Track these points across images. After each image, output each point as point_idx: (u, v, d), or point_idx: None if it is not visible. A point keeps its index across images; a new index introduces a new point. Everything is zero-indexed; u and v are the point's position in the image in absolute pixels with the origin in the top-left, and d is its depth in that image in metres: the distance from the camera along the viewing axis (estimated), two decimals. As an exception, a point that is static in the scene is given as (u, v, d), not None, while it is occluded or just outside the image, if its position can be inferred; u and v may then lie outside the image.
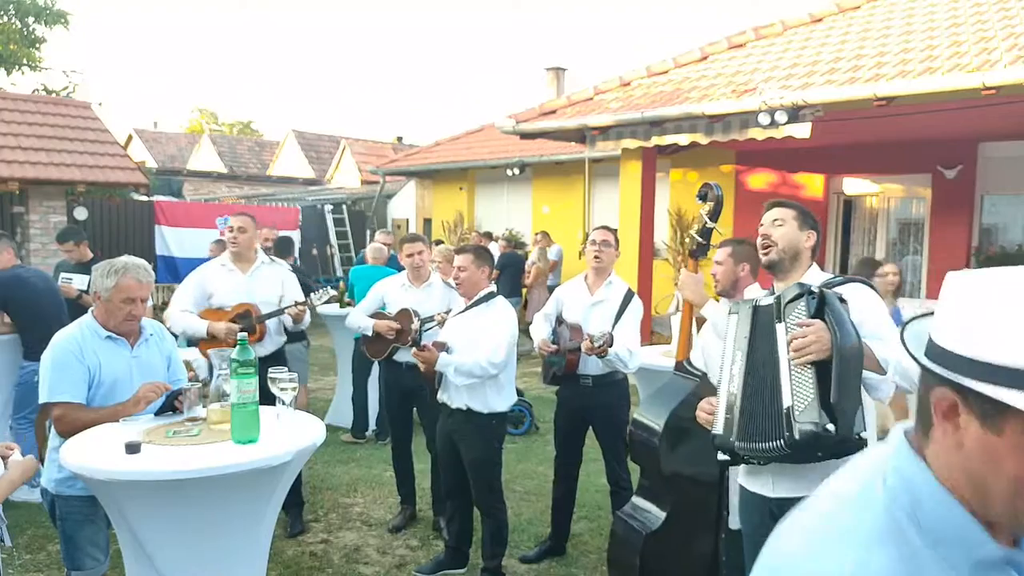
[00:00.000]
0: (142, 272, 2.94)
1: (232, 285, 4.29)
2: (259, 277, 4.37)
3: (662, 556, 3.02)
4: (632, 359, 3.87)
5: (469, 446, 3.73)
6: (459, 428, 3.75)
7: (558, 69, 18.59)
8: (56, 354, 2.84)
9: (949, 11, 7.75)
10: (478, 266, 3.78)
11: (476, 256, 3.82)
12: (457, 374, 3.60)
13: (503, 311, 3.77)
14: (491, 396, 3.70)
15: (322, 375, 9.00)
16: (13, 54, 13.54)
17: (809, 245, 2.54)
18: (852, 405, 2.10)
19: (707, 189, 2.90)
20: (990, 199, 9.49)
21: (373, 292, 4.78)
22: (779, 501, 2.35)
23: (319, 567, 4.00)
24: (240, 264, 4.36)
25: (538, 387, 7.44)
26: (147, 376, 3.00)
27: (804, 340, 2.12)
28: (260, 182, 24.20)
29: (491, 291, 3.84)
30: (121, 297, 2.86)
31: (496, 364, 3.60)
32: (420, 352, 3.66)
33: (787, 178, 10.70)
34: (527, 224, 14.47)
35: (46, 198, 10.31)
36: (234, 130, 42.40)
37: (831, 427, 2.06)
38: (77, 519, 2.81)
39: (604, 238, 4.04)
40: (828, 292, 2.22)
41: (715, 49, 9.01)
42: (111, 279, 2.86)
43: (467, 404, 3.70)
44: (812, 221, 2.59)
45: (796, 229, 2.53)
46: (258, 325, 4.24)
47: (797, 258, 2.53)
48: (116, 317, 2.90)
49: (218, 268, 4.37)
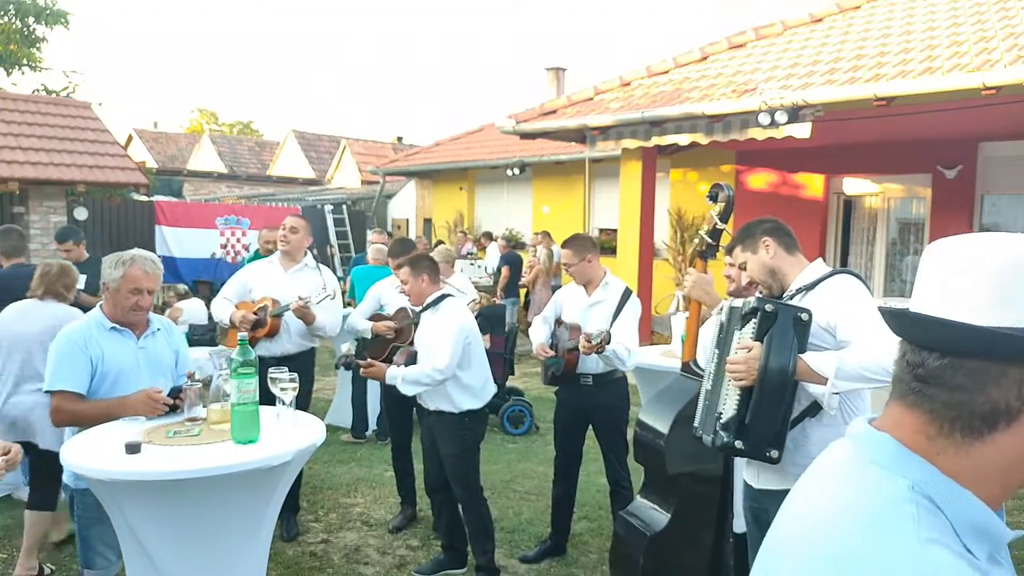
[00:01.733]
0: (149, 264, 2.98)
1: (269, 280, 4.45)
2: (298, 277, 4.46)
3: (665, 557, 3.01)
4: (630, 357, 3.88)
5: (443, 443, 3.81)
6: (435, 426, 3.84)
7: (558, 69, 18.61)
8: (60, 345, 2.88)
9: (949, 11, 7.75)
10: (415, 275, 3.78)
11: (412, 267, 3.80)
12: (404, 383, 3.63)
13: (448, 314, 3.73)
14: (457, 396, 3.72)
15: (322, 375, 9.00)
16: (13, 54, 13.54)
17: (772, 252, 2.55)
18: (766, 427, 2.29)
19: (718, 190, 2.90)
20: (990, 199, 9.48)
21: (370, 295, 4.83)
22: (761, 492, 2.53)
23: (319, 567, 3.99)
24: (285, 262, 4.51)
25: (538, 387, 7.44)
26: (154, 368, 3.02)
27: (734, 366, 2.30)
28: (260, 182, 24.22)
29: (440, 295, 3.82)
30: (128, 287, 2.90)
31: (442, 370, 3.58)
32: (368, 369, 3.73)
33: (787, 178, 10.70)
34: (527, 224, 14.47)
35: (46, 198, 10.31)
36: (234, 130, 42.44)
37: (739, 444, 2.30)
38: (91, 516, 2.82)
39: (568, 260, 4.04)
40: (784, 310, 2.29)
41: (715, 49, 9.02)
42: (119, 269, 2.91)
43: (438, 406, 3.76)
44: (758, 231, 2.60)
45: (751, 255, 2.59)
46: (269, 319, 4.28)
47: (775, 272, 2.56)
48: (123, 307, 2.93)
49: (266, 264, 4.62)
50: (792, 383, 2.28)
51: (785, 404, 2.29)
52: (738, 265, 2.67)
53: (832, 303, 2.36)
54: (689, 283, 2.91)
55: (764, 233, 2.59)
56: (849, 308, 2.34)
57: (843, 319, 2.33)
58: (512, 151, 13.94)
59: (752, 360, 2.26)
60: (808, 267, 2.55)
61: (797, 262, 2.57)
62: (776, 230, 2.61)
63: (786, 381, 2.25)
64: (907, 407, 0.86)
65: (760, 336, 2.29)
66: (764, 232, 2.60)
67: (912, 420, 0.86)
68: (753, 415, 2.27)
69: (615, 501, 4.05)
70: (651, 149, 8.67)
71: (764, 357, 2.25)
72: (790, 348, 2.25)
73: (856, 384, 2.24)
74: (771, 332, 2.26)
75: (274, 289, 4.41)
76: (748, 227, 2.66)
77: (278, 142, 29.00)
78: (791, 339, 2.26)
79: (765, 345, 2.26)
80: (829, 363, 2.23)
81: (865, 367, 2.18)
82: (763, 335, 2.28)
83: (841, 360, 2.22)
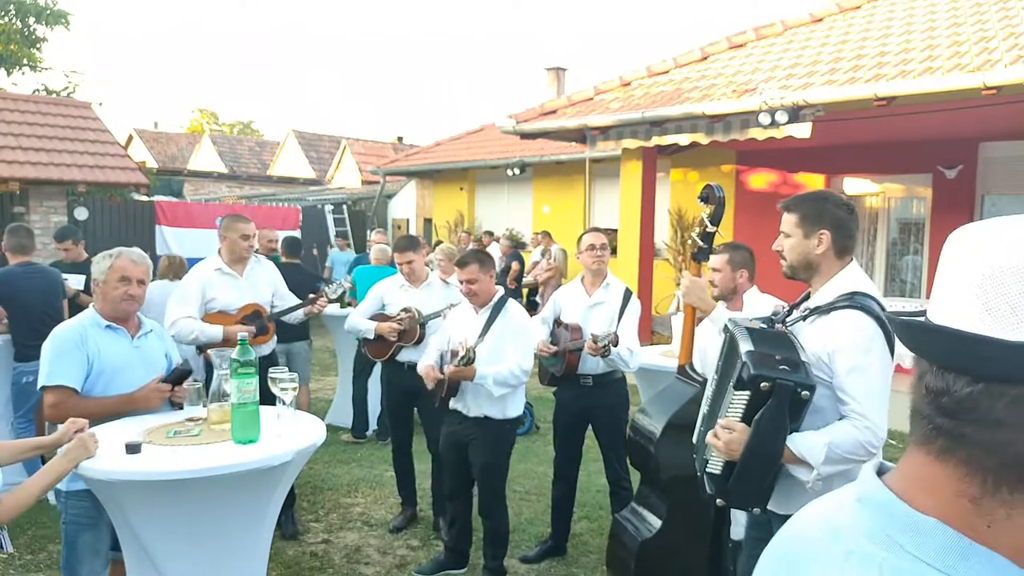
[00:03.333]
0: (136, 255, 3.04)
1: (234, 289, 4.27)
2: (254, 278, 4.39)
3: (659, 561, 2.99)
4: (633, 359, 3.88)
5: (482, 451, 3.73)
6: (472, 433, 3.73)
7: (558, 69, 18.61)
8: (56, 342, 2.87)
9: (950, 11, 7.75)
10: (486, 272, 3.73)
11: (480, 264, 3.72)
12: (496, 384, 3.57)
13: (521, 315, 3.78)
14: (509, 403, 3.72)
15: (322, 375, 9.00)
16: (13, 54, 13.54)
17: (822, 250, 2.30)
18: (749, 491, 2.19)
19: (708, 191, 2.84)
20: (991, 199, 9.47)
21: (371, 294, 4.75)
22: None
23: (320, 567, 3.99)
24: (236, 267, 4.31)
25: (538, 387, 7.42)
26: (149, 367, 3.02)
27: (717, 442, 2.19)
28: (260, 182, 24.21)
29: (502, 296, 3.83)
30: (116, 277, 2.94)
31: (526, 370, 3.64)
32: (457, 370, 3.57)
33: (787, 178, 10.69)
34: (527, 224, 14.47)
35: (47, 198, 10.31)
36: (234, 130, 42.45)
37: (720, 502, 2.27)
38: (81, 522, 2.78)
39: (603, 242, 4.03)
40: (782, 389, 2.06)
41: (715, 49, 9.01)
42: (106, 261, 2.98)
43: (485, 413, 3.69)
44: (826, 217, 2.32)
45: (801, 238, 2.33)
46: (269, 324, 4.29)
47: (811, 267, 2.34)
48: (113, 299, 2.94)
49: (213, 272, 4.24)
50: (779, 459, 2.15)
51: (771, 476, 2.17)
52: (781, 231, 2.39)
53: (836, 343, 2.19)
54: (683, 288, 2.87)
55: (831, 225, 2.30)
56: (849, 358, 2.17)
57: (841, 367, 2.18)
58: (512, 151, 13.94)
59: (734, 444, 2.13)
60: (841, 274, 2.32)
61: (839, 265, 2.32)
62: (842, 226, 2.31)
63: (772, 463, 2.14)
64: (935, 457, 0.65)
65: (748, 415, 2.11)
66: (832, 224, 2.30)
67: (946, 477, 0.64)
68: (735, 482, 2.17)
69: (615, 501, 4.05)
70: (651, 149, 8.67)
71: (750, 441, 2.10)
72: (780, 431, 2.10)
73: (842, 467, 2.13)
74: (762, 415, 2.08)
75: (244, 296, 4.32)
76: (820, 203, 2.35)
77: (278, 142, 28.98)
78: (783, 422, 2.09)
79: (753, 428, 2.09)
80: (817, 448, 2.11)
81: (853, 453, 2.12)
82: (752, 413, 2.10)
83: (830, 446, 2.10)
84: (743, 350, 2.13)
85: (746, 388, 2.10)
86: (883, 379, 2.20)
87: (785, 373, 2.07)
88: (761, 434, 2.09)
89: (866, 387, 2.16)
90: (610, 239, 4.18)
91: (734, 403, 2.16)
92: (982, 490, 0.61)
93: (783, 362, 2.10)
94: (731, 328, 2.34)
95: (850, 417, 2.17)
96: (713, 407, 2.38)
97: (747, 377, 2.07)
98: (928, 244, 9.86)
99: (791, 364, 2.11)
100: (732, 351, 2.28)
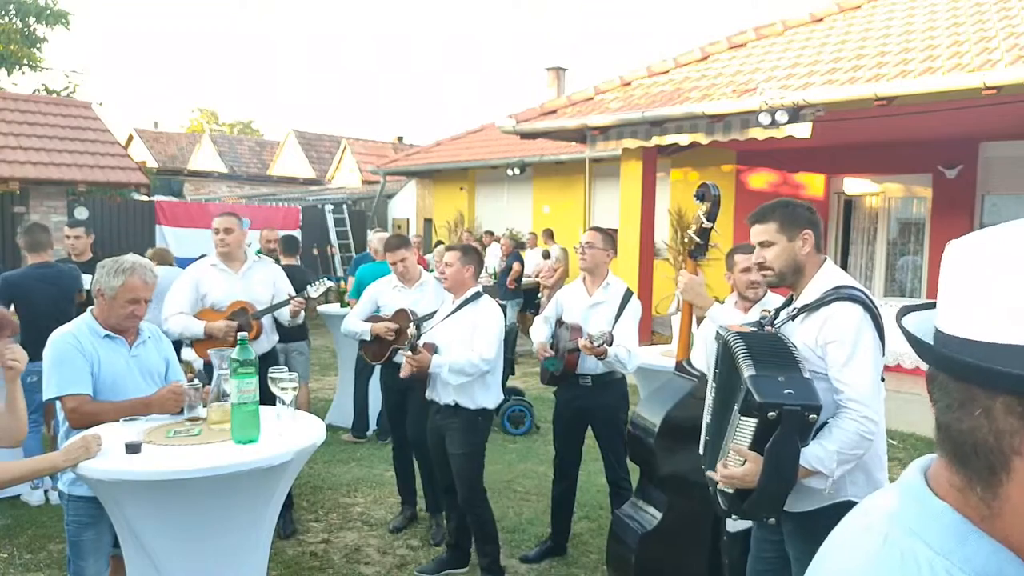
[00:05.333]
0: (148, 273, 2.96)
1: (227, 286, 4.30)
2: (251, 276, 4.40)
3: (658, 556, 3.01)
4: (631, 359, 3.88)
5: (453, 440, 3.79)
6: (446, 423, 3.81)
7: (558, 69, 18.62)
8: (57, 350, 2.84)
9: (950, 11, 7.75)
10: (463, 263, 3.82)
11: (463, 254, 3.86)
12: (451, 373, 3.65)
13: (490, 309, 3.83)
14: (478, 393, 3.75)
15: (322, 375, 9.00)
16: (13, 54, 13.54)
17: (807, 250, 2.36)
18: (768, 506, 2.19)
19: (704, 189, 2.87)
20: (991, 199, 9.48)
21: (366, 296, 4.75)
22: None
23: (320, 567, 3.99)
24: (232, 264, 4.36)
25: (538, 387, 7.44)
26: (147, 376, 3.00)
27: (729, 473, 2.19)
28: (261, 182, 24.19)
29: (477, 291, 3.88)
30: (127, 297, 2.88)
31: (488, 361, 3.67)
32: (413, 356, 3.68)
33: (788, 178, 10.70)
34: (527, 224, 14.47)
35: (47, 198, 10.31)
36: (234, 130, 42.46)
37: (735, 518, 2.30)
38: (83, 521, 2.80)
39: (588, 239, 4.04)
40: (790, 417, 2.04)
41: (716, 49, 9.01)
42: (118, 279, 2.87)
43: (455, 400, 3.75)
44: (803, 218, 2.38)
45: (786, 242, 2.36)
46: (254, 322, 4.27)
47: (799, 269, 2.38)
48: (118, 315, 2.91)
49: (209, 269, 4.34)
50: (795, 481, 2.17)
51: (787, 494, 2.18)
52: (759, 243, 2.40)
53: (829, 334, 2.24)
54: (681, 285, 2.88)
55: (808, 224, 2.37)
56: (843, 348, 2.22)
57: (835, 358, 2.23)
58: (512, 151, 13.94)
59: (749, 476, 2.13)
60: (820, 271, 2.37)
61: (818, 262, 2.39)
62: (818, 224, 2.40)
63: (789, 485, 2.15)
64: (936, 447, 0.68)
65: (758, 441, 2.10)
66: (808, 223, 2.37)
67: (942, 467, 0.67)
68: (751, 505, 2.18)
69: (615, 501, 4.05)
70: (651, 149, 8.67)
71: (765, 468, 2.09)
72: (793, 457, 2.11)
73: (851, 465, 2.20)
74: (774, 443, 2.07)
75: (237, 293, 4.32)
76: (790, 208, 2.41)
77: (278, 142, 28.99)
78: (795, 449, 2.10)
79: (766, 459, 2.08)
80: (828, 458, 2.16)
81: (858, 447, 2.17)
82: (761, 438, 2.09)
83: (839, 452, 2.16)
84: (746, 374, 2.10)
85: (753, 416, 2.09)
86: (875, 365, 2.24)
87: (791, 398, 2.06)
88: (775, 463, 2.10)
89: (860, 374, 2.21)
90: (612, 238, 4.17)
91: (741, 428, 2.14)
92: (963, 482, 0.64)
93: (787, 384, 2.08)
94: (725, 336, 2.32)
95: (846, 407, 2.22)
96: (718, 422, 2.34)
97: (754, 405, 2.06)
98: (928, 244, 9.86)
99: (795, 385, 2.09)
100: (731, 369, 2.25)
